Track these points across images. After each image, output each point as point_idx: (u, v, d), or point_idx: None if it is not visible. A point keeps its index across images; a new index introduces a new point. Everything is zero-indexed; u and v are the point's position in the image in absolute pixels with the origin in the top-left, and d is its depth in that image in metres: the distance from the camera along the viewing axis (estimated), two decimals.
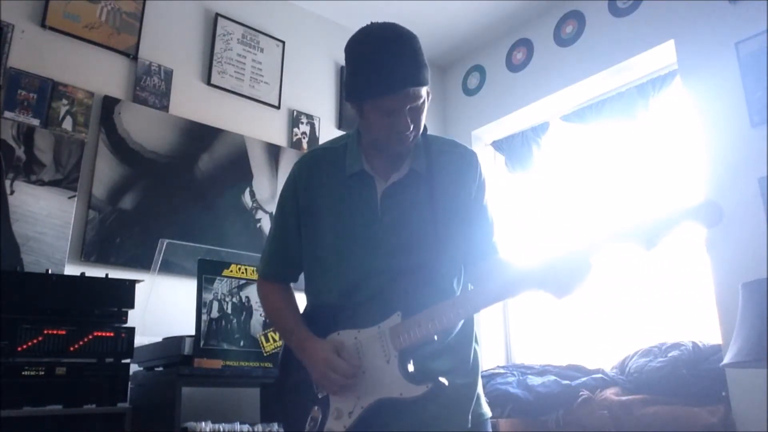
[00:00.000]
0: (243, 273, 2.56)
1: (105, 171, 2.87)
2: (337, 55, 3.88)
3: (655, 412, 2.61)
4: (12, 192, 2.60)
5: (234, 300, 2.52)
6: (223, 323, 2.46)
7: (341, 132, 3.76)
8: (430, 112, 1.39)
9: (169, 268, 2.85)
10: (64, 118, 2.80)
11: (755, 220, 2.69)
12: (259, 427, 2.41)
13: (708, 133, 2.97)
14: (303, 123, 3.67)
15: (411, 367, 1.27)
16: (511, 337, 3.97)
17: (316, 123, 3.72)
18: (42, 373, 2.10)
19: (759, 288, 2.09)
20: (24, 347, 2.10)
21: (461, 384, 1.33)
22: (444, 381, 1.23)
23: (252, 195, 3.34)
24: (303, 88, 3.74)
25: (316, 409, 1.32)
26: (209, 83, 3.34)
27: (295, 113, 3.66)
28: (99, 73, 2.98)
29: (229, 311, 2.49)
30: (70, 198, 2.73)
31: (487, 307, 1.30)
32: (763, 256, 2.57)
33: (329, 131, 3.76)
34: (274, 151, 3.48)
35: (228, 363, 2.38)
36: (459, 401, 1.33)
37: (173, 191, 3.07)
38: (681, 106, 3.17)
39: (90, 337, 2.22)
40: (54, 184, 2.71)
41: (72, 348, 2.18)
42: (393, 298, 1.29)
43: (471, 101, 4.29)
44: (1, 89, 2.66)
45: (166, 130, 3.11)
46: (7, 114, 2.66)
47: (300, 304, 1.49)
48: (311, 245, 1.43)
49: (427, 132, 1.43)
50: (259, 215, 3.34)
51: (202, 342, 2.36)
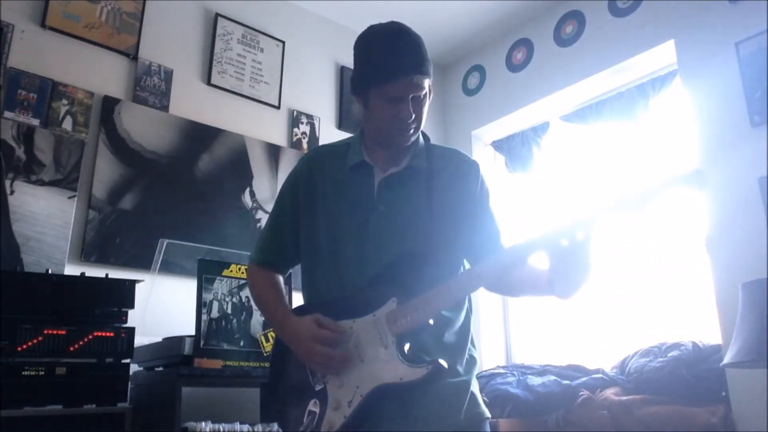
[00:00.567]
0: (243, 273, 2.56)
1: (105, 171, 2.87)
2: (337, 55, 3.89)
3: (655, 412, 2.61)
4: (12, 192, 2.60)
5: (234, 300, 2.52)
6: (223, 323, 2.46)
7: (341, 132, 3.78)
8: (430, 112, 1.42)
9: (169, 268, 2.86)
10: (64, 118, 2.80)
11: (755, 220, 2.69)
12: (259, 427, 2.41)
13: (708, 133, 2.97)
14: (303, 123, 3.67)
15: (407, 347, 1.26)
16: (511, 337, 3.97)
17: (316, 123, 3.72)
18: (42, 373, 2.10)
19: (759, 288, 2.09)
20: (24, 347, 2.10)
21: (455, 382, 1.33)
22: (443, 363, 1.23)
23: (252, 195, 3.34)
24: (303, 88, 3.74)
25: (313, 402, 1.30)
26: (209, 83, 3.34)
27: (295, 113, 3.66)
28: (99, 73, 2.98)
29: (229, 311, 2.49)
30: (70, 198, 2.74)
31: (482, 285, 1.29)
32: (763, 256, 2.57)
33: (329, 131, 3.76)
34: (274, 151, 3.48)
35: (228, 363, 2.38)
36: (453, 399, 1.33)
37: (173, 191, 3.07)
38: (681, 106, 3.17)
39: (90, 337, 2.22)
40: (54, 184, 2.71)
41: (72, 348, 2.18)
42: (388, 286, 1.30)
43: (471, 101, 4.29)
44: (1, 89, 2.66)
45: (166, 130, 3.11)
46: (7, 114, 2.66)
47: (299, 303, 1.48)
48: (308, 240, 1.45)
49: (430, 141, 1.49)
50: (259, 215, 3.34)
51: (202, 342, 2.36)
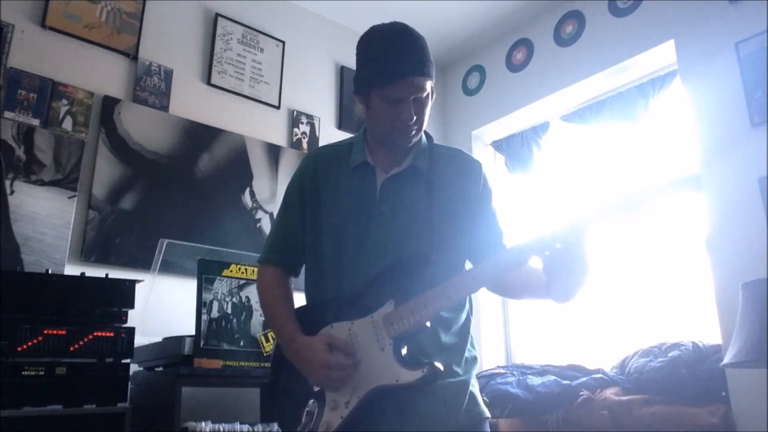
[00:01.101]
0: (243, 273, 2.56)
1: (105, 171, 2.87)
2: (337, 55, 3.89)
3: (655, 412, 2.61)
4: (12, 192, 2.60)
5: (234, 300, 2.52)
6: (223, 323, 2.46)
7: (341, 132, 3.78)
8: (430, 111, 1.41)
9: (169, 268, 2.85)
10: (64, 118, 2.80)
11: (755, 220, 2.69)
12: (259, 427, 2.40)
13: (708, 133, 2.97)
14: (303, 123, 3.67)
15: (405, 351, 1.26)
16: (511, 337, 3.97)
17: (316, 123, 3.72)
18: (42, 373, 2.10)
19: (759, 288, 2.09)
20: (24, 347, 2.10)
21: (454, 382, 1.34)
22: (439, 366, 1.23)
23: (252, 195, 3.34)
24: (303, 88, 3.74)
25: (311, 403, 1.31)
26: (209, 83, 3.34)
27: (295, 113, 3.66)
28: (99, 73, 2.98)
29: (229, 311, 2.49)
30: (70, 198, 2.74)
31: (480, 288, 1.27)
32: (763, 256, 2.57)
33: (329, 131, 3.76)
34: (274, 151, 3.48)
35: (228, 363, 2.38)
36: (452, 399, 1.33)
37: (173, 191, 3.07)
38: (681, 106, 3.17)
39: (90, 337, 2.22)
40: (54, 184, 2.71)
41: (72, 348, 2.18)
42: (386, 287, 1.30)
43: (471, 101, 4.29)
44: (1, 89, 2.66)
45: (166, 130, 3.11)
46: (7, 114, 2.66)
47: (299, 303, 1.48)
48: (312, 240, 1.45)
49: (433, 140, 1.48)
50: (259, 215, 3.34)
51: (202, 342, 2.36)
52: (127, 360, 2.30)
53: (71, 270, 2.60)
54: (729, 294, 2.58)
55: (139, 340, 2.38)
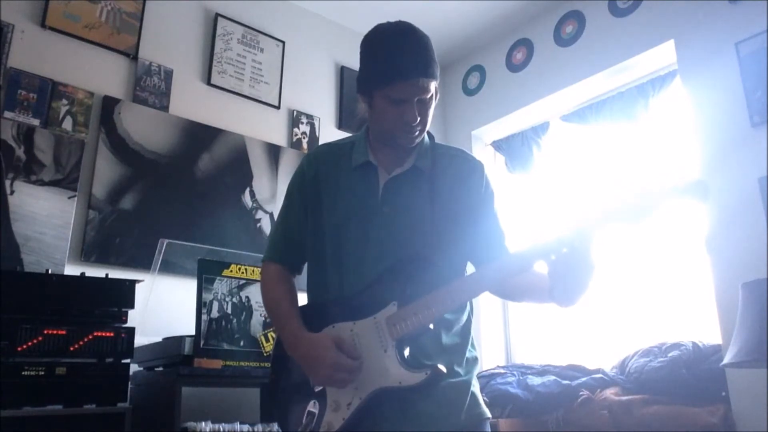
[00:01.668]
0: (243, 273, 2.56)
1: (105, 171, 2.87)
2: (337, 55, 3.89)
3: (655, 412, 2.61)
4: (12, 192, 2.60)
5: (234, 300, 2.52)
6: (223, 323, 2.46)
7: (341, 132, 3.78)
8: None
9: (169, 268, 2.85)
10: (64, 118, 2.80)
11: (755, 220, 2.69)
12: (259, 427, 2.40)
13: (708, 133, 2.97)
14: (303, 123, 3.67)
15: (407, 352, 1.26)
16: (511, 337, 3.97)
17: (316, 123, 3.72)
18: (42, 373, 2.10)
19: (759, 288, 2.09)
20: (24, 347, 2.10)
21: (455, 382, 1.34)
22: (442, 368, 1.23)
23: (252, 195, 3.34)
24: (303, 88, 3.74)
25: (312, 403, 1.31)
26: (209, 83, 3.34)
27: (295, 113, 3.66)
28: (99, 73, 2.98)
29: (229, 311, 2.49)
30: (70, 198, 2.73)
31: (483, 291, 1.28)
32: (763, 256, 2.57)
33: (329, 131, 3.76)
34: (274, 151, 3.48)
35: (228, 363, 2.38)
36: (453, 399, 1.33)
37: (173, 191, 3.07)
38: (681, 106, 3.17)
39: (90, 337, 2.22)
40: (54, 184, 2.71)
41: (72, 348, 2.18)
42: (389, 288, 1.29)
43: (471, 101, 4.29)
44: (1, 89, 2.66)
45: (166, 130, 3.11)
46: (7, 114, 2.66)
47: (301, 303, 1.48)
48: (314, 239, 1.45)
49: (435, 140, 1.48)
50: (259, 215, 3.34)
51: (202, 342, 2.36)
52: (127, 360, 2.30)
53: (71, 270, 2.60)
54: (729, 294, 2.58)
55: (139, 340, 2.38)
